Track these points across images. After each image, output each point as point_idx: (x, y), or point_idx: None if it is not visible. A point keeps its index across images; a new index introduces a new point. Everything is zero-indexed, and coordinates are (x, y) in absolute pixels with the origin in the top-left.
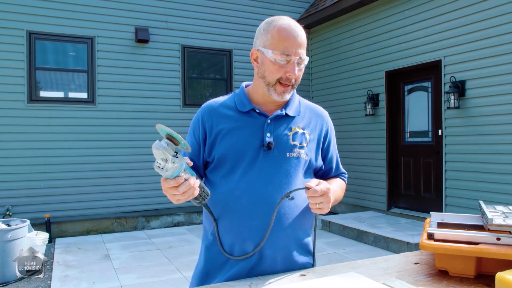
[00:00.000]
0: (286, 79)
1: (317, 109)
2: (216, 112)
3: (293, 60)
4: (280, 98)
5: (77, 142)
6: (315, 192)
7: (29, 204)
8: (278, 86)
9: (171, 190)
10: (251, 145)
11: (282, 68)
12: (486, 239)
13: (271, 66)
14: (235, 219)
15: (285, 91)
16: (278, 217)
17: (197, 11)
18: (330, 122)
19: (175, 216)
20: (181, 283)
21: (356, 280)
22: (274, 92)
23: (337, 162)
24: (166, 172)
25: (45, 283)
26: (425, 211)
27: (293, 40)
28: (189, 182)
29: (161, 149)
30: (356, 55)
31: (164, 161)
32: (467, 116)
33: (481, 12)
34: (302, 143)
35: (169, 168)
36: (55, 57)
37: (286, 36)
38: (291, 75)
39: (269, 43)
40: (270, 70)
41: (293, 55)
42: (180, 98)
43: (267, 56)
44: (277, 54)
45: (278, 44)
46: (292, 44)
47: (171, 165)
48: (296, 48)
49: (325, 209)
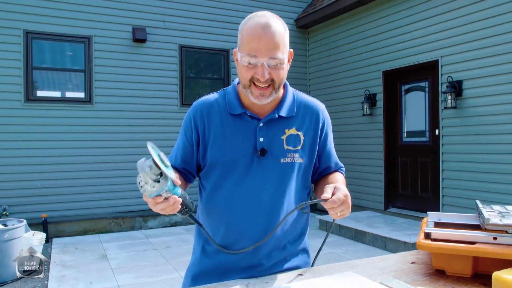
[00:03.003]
0: (257, 81)
1: (312, 104)
2: (208, 112)
3: (261, 61)
4: (259, 101)
5: (74, 142)
6: (334, 203)
7: (26, 204)
8: (253, 88)
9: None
10: (244, 151)
11: (251, 70)
12: (483, 239)
13: (242, 68)
14: (231, 228)
15: (262, 94)
16: (275, 219)
17: (194, 10)
18: (327, 116)
19: (172, 216)
20: (179, 283)
21: (354, 279)
22: (251, 95)
23: (335, 157)
24: (144, 192)
25: (42, 283)
26: (422, 210)
27: (258, 41)
28: (168, 201)
29: (142, 172)
30: (353, 55)
31: (144, 182)
32: (464, 116)
33: (478, 12)
34: (297, 146)
35: (147, 190)
36: (52, 57)
37: (253, 37)
38: (259, 77)
39: (240, 44)
40: (241, 72)
41: (260, 56)
42: (178, 97)
43: (239, 59)
44: (245, 56)
45: (245, 46)
46: (258, 44)
47: (150, 189)
48: (263, 50)
49: (346, 214)
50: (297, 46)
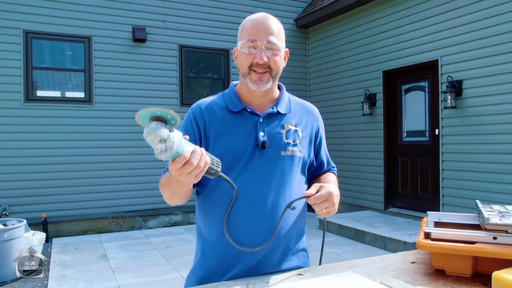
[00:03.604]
0: (256, 65)
1: (307, 106)
2: (208, 113)
3: (260, 45)
4: (257, 87)
5: (74, 142)
6: (317, 199)
7: (25, 204)
8: (252, 74)
9: (185, 168)
10: (246, 146)
11: (250, 55)
12: (482, 238)
13: (242, 56)
14: (232, 220)
15: (260, 78)
16: (273, 218)
17: (194, 10)
18: (321, 119)
19: (172, 216)
20: (179, 283)
21: (354, 279)
22: (250, 81)
23: (327, 157)
24: (171, 150)
25: (42, 283)
26: (422, 210)
27: (258, 27)
28: (195, 152)
29: (154, 132)
30: (353, 55)
31: (162, 142)
32: (464, 115)
33: (478, 12)
34: (296, 141)
35: (171, 145)
36: (52, 57)
37: (252, 25)
38: (259, 60)
39: (240, 36)
40: (242, 60)
41: (258, 41)
42: (178, 97)
43: (239, 50)
44: (244, 43)
45: (245, 34)
46: (257, 30)
47: (172, 141)
48: (262, 34)
49: (332, 212)
50: (297, 46)
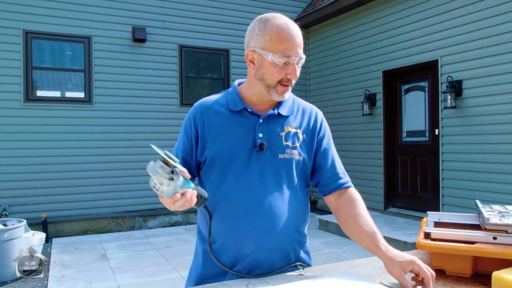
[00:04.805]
0: (287, 80)
1: (311, 109)
2: (208, 112)
3: (293, 61)
4: (281, 98)
5: (74, 142)
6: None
7: (25, 204)
8: (279, 87)
9: (167, 204)
10: (243, 146)
11: (282, 70)
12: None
13: (271, 68)
14: (230, 223)
15: (286, 90)
16: (273, 218)
17: (194, 10)
18: (325, 122)
19: (172, 216)
20: (178, 283)
21: (354, 279)
22: (276, 93)
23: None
24: (162, 193)
25: (41, 283)
26: (422, 210)
27: (293, 41)
28: (185, 196)
29: (156, 174)
30: (353, 55)
31: (159, 183)
32: (464, 115)
33: (478, 12)
34: (295, 143)
35: (164, 190)
36: (52, 57)
37: (285, 38)
38: (292, 77)
39: (268, 45)
40: (271, 72)
41: (293, 56)
42: (178, 97)
43: (266, 59)
44: (277, 57)
45: (278, 46)
46: (292, 45)
47: (166, 188)
48: (296, 49)
49: None
50: None
